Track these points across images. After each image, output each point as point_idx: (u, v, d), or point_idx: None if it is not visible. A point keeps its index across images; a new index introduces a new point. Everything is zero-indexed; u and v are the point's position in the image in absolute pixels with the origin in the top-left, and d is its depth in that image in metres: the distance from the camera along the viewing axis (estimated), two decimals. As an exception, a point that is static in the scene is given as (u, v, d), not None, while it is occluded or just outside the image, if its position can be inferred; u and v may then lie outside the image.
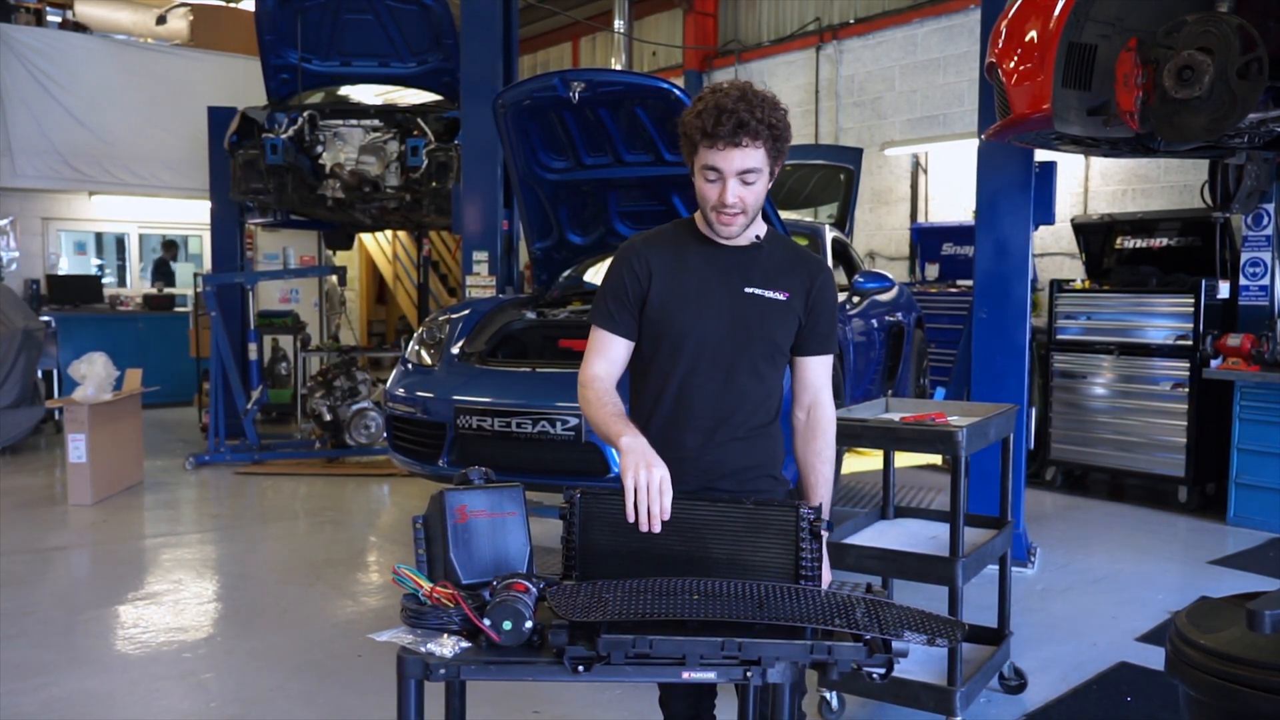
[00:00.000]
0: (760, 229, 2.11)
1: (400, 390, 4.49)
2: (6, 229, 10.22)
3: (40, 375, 8.37)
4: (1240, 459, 5.67)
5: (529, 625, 1.56)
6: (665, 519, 1.78)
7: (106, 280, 11.42)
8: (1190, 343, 5.98)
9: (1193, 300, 5.99)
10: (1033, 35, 2.99)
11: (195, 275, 9.18)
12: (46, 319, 9.00)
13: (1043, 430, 6.64)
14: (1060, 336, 6.58)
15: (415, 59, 8.17)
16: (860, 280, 5.41)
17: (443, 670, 1.56)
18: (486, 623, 1.56)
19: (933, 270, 8.89)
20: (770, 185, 2.02)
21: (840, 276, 5.93)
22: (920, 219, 9.66)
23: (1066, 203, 8.16)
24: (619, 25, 11.43)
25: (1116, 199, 8.28)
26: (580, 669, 1.53)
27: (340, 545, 5.37)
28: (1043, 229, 5.30)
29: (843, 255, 6.09)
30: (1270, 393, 5.54)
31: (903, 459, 7.09)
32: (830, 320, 2.18)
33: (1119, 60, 2.88)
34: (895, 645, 1.57)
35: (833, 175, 7.05)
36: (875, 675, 1.60)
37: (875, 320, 5.72)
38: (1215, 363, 5.84)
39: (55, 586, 4.67)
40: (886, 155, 9.81)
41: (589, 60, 13.85)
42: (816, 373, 2.18)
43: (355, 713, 3.26)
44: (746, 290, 2.08)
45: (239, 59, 10.57)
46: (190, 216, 11.21)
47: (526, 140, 4.69)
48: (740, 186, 1.96)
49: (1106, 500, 6.43)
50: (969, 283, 6.94)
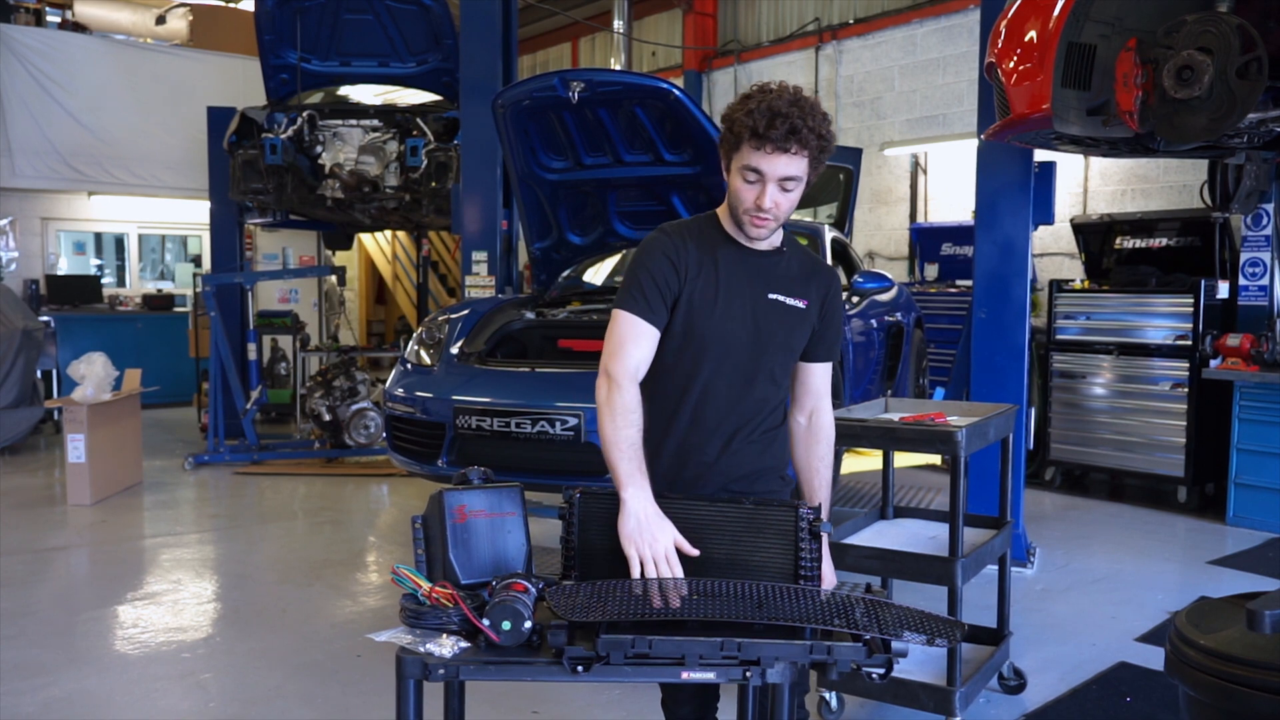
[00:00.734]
0: (780, 234, 2.09)
1: (399, 390, 4.48)
2: (6, 229, 10.21)
3: (39, 375, 8.37)
4: (1239, 459, 5.67)
5: (528, 625, 1.56)
6: (682, 593, 1.73)
7: (106, 280, 11.42)
8: (1189, 343, 5.98)
9: (1192, 300, 5.99)
10: (1032, 35, 2.98)
11: (194, 275, 9.18)
12: (46, 319, 8.99)
13: (1042, 430, 6.64)
14: (1060, 336, 6.57)
15: (415, 59, 8.17)
16: (860, 280, 5.40)
17: (441, 670, 1.56)
18: (485, 623, 1.56)
19: (932, 270, 8.88)
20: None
21: (840, 276, 5.92)
22: (919, 219, 9.66)
23: (1066, 203, 8.17)
24: (618, 25, 11.43)
25: (1116, 199, 8.28)
26: (579, 669, 1.53)
27: (339, 545, 5.37)
28: (1042, 229, 5.30)
29: (842, 255, 6.09)
30: (1269, 393, 5.54)
31: (902, 459, 7.09)
32: (838, 329, 2.18)
33: (1118, 60, 2.88)
34: (894, 645, 1.57)
35: (832, 175, 7.04)
36: (874, 675, 1.61)
37: (875, 320, 5.72)
38: (1215, 363, 5.85)
39: (54, 587, 4.66)
40: (886, 155, 9.81)
41: (588, 60, 13.84)
42: (820, 378, 2.18)
43: (354, 713, 3.26)
44: (770, 297, 2.05)
45: (238, 59, 10.56)
46: (189, 216, 11.21)
47: (526, 140, 4.69)
48: (779, 193, 1.93)
49: (1106, 500, 6.43)
50: (968, 283, 6.94)
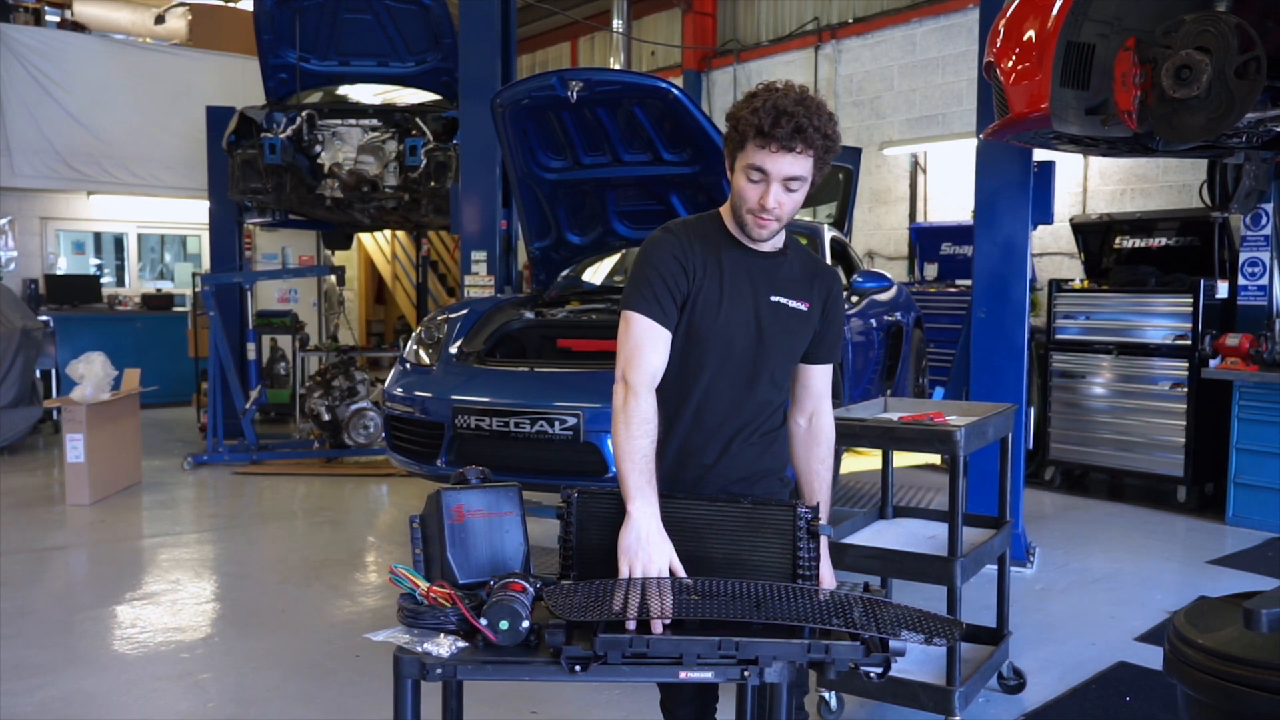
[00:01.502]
0: (782, 236, 2.08)
1: (398, 390, 4.48)
2: (5, 229, 10.20)
3: (38, 375, 8.37)
4: (1239, 459, 5.67)
5: (526, 625, 1.56)
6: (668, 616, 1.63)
7: (105, 280, 11.41)
8: (1189, 342, 5.98)
9: (1191, 300, 5.99)
10: (1031, 34, 2.98)
11: (193, 275, 9.17)
12: (45, 319, 8.99)
13: (1041, 430, 6.64)
14: (1059, 336, 6.57)
15: (414, 58, 8.17)
16: (859, 280, 5.40)
17: (439, 670, 1.56)
18: (483, 622, 1.55)
19: (931, 270, 8.88)
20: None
21: (841, 277, 5.91)
22: (919, 219, 9.65)
23: (1065, 202, 8.16)
24: (617, 25, 11.42)
25: (1115, 199, 8.28)
26: (577, 669, 1.53)
27: (338, 545, 5.36)
28: (1041, 229, 5.30)
29: (841, 255, 6.09)
30: (1269, 392, 5.54)
31: (901, 458, 7.09)
32: (839, 330, 2.17)
33: (1117, 59, 2.88)
34: (892, 644, 1.57)
35: (831, 175, 7.02)
36: (873, 674, 1.60)
37: (874, 320, 5.71)
38: (1214, 362, 5.84)
39: (53, 586, 4.66)
40: (885, 155, 9.81)
41: (587, 60, 13.83)
42: (820, 380, 2.18)
43: (353, 713, 3.25)
44: (773, 299, 2.04)
45: (237, 59, 10.56)
46: (189, 216, 11.20)
47: (525, 140, 4.68)
48: (783, 192, 1.91)
49: (1105, 500, 6.43)
50: (968, 282, 6.93)
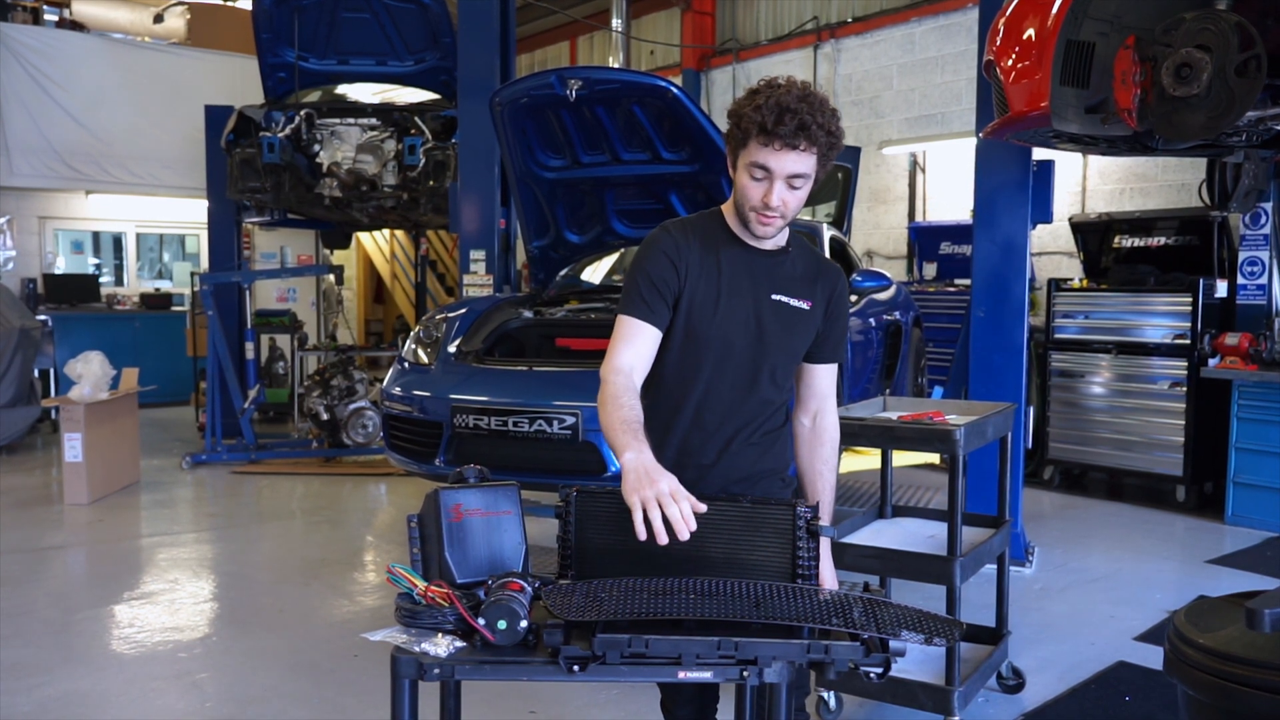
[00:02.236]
0: (785, 234, 2.07)
1: (397, 389, 4.47)
2: (3, 228, 10.16)
3: (37, 374, 8.35)
4: (1238, 458, 5.67)
5: (524, 625, 1.55)
6: (691, 527, 1.62)
7: (103, 279, 11.40)
8: (1188, 342, 5.97)
9: (1190, 299, 5.98)
10: (1031, 33, 2.98)
11: (192, 274, 9.16)
12: (43, 318, 8.99)
13: (1040, 429, 6.64)
14: (1058, 335, 6.57)
15: (412, 57, 8.17)
16: (858, 279, 5.39)
17: (437, 670, 1.55)
18: (481, 622, 1.55)
19: (930, 269, 8.88)
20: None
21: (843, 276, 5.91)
22: (918, 218, 9.65)
23: (1064, 201, 8.15)
24: (616, 24, 11.40)
25: (1114, 198, 8.28)
26: (576, 669, 1.52)
27: (337, 545, 5.36)
28: (1041, 228, 5.29)
29: (840, 254, 6.07)
30: (1268, 392, 5.54)
31: (900, 458, 7.08)
32: (843, 330, 2.16)
33: (1117, 58, 2.88)
34: (892, 644, 1.56)
35: (830, 174, 6.94)
36: (872, 675, 1.59)
37: (873, 319, 5.71)
38: (1213, 362, 5.84)
39: (51, 586, 4.65)
40: (884, 154, 9.81)
41: (587, 59, 13.82)
42: (824, 380, 2.16)
43: (351, 713, 3.25)
44: (774, 298, 2.02)
45: (236, 58, 10.55)
46: (187, 215, 11.19)
47: (523, 139, 4.68)
48: (786, 190, 1.89)
49: (1104, 499, 6.43)
50: (967, 282, 6.94)
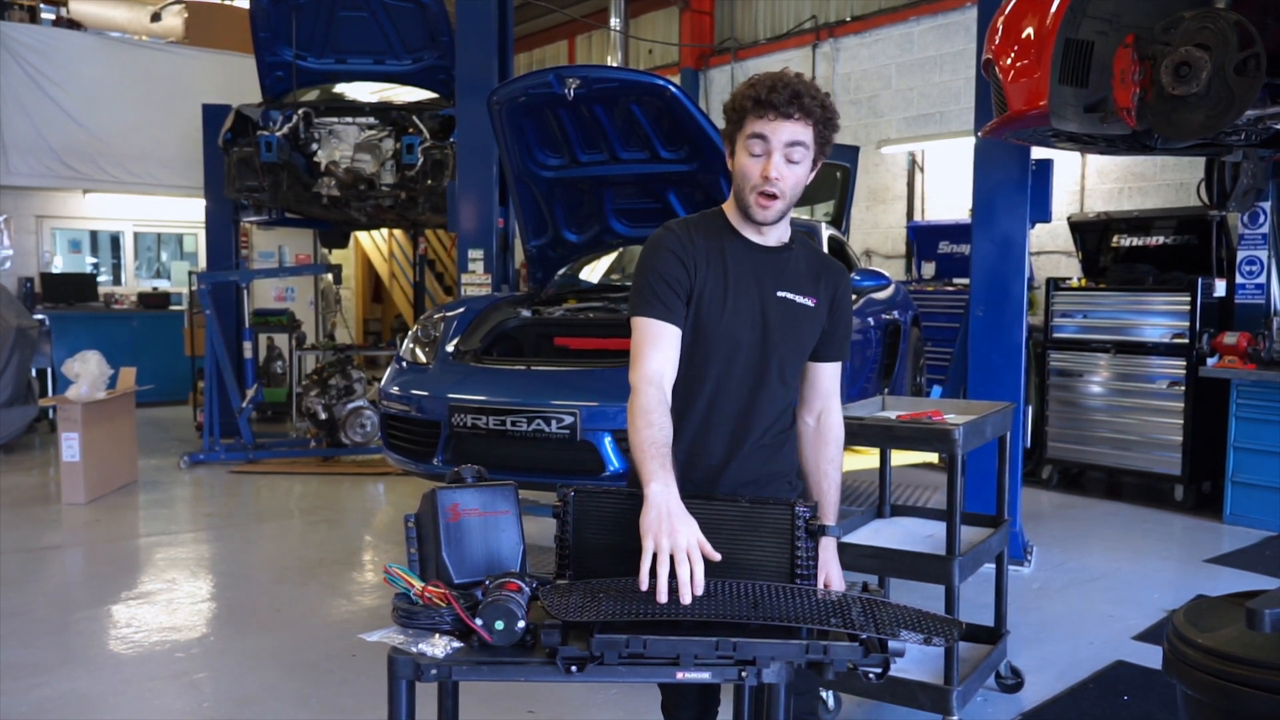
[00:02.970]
0: (788, 230, 2.06)
1: (395, 388, 4.47)
2: (1, 227, 10.17)
3: (34, 374, 8.34)
4: (1236, 457, 5.67)
5: (521, 625, 1.54)
6: (698, 592, 1.58)
7: (101, 279, 11.39)
8: (1186, 341, 5.97)
9: (1189, 298, 5.98)
10: (1029, 31, 2.98)
11: (190, 273, 9.15)
12: (40, 317, 8.96)
13: (1039, 429, 6.64)
14: (1056, 335, 6.57)
15: (410, 56, 8.16)
16: (857, 278, 5.38)
17: (434, 671, 1.54)
18: (479, 622, 1.54)
19: (929, 268, 8.88)
20: (809, 179, 1.96)
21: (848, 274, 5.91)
22: (917, 217, 9.65)
23: (1063, 201, 8.15)
24: (615, 23, 11.39)
25: (1113, 197, 8.28)
26: (573, 669, 1.52)
27: (335, 544, 5.35)
28: (1039, 227, 5.30)
29: (839, 253, 6.08)
30: (1267, 391, 5.54)
31: (899, 457, 7.07)
32: (847, 327, 2.14)
33: (1116, 57, 2.87)
34: (891, 644, 1.55)
35: (829, 173, 7.02)
36: (871, 675, 1.59)
37: (872, 318, 5.71)
38: (1211, 361, 5.84)
39: (48, 586, 4.64)
40: (883, 153, 9.81)
41: (585, 58, 13.81)
42: (828, 378, 2.15)
43: (349, 713, 3.24)
44: (779, 294, 2.01)
45: (234, 56, 10.52)
46: (185, 215, 11.18)
47: (522, 138, 4.67)
48: (785, 164, 1.88)
49: (1103, 499, 6.43)
50: (965, 281, 6.93)
